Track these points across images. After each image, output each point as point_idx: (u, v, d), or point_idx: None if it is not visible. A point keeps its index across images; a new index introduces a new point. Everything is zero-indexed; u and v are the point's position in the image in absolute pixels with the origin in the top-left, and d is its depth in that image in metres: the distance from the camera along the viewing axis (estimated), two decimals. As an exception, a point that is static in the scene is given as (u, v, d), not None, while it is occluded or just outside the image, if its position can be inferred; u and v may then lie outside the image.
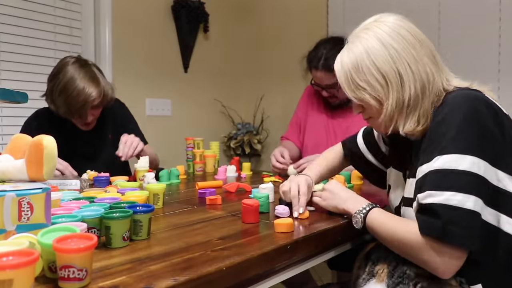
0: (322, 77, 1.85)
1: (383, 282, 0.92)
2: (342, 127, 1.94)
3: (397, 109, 0.94)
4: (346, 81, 0.99)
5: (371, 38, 0.95)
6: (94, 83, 1.64)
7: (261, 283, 0.83)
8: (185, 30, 2.88)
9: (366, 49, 0.95)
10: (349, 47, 0.99)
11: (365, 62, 0.94)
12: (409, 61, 0.92)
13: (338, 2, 2.83)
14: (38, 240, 0.63)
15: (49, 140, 0.76)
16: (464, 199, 0.79)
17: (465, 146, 0.82)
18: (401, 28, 0.96)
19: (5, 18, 2.14)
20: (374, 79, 0.94)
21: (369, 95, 0.95)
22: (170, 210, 1.15)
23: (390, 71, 0.93)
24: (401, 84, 0.92)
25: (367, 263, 0.99)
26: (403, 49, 0.93)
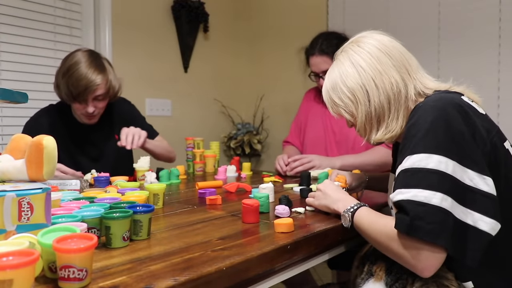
0: (319, 63, 1.87)
1: (381, 281, 0.93)
2: (339, 124, 1.95)
3: (367, 121, 1.03)
4: (327, 99, 1.11)
5: (344, 59, 1.07)
6: (99, 72, 1.65)
7: (261, 283, 0.83)
8: (185, 30, 2.88)
9: (340, 72, 1.07)
10: (329, 71, 1.12)
11: (338, 82, 1.07)
12: (373, 75, 1.01)
13: (338, 1, 2.83)
14: (38, 240, 0.63)
15: (49, 140, 0.76)
16: (430, 195, 0.81)
17: (433, 146, 0.85)
18: (368, 44, 1.05)
19: (5, 18, 2.14)
20: (345, 96, 1.05)
21: (343, 110, 1.07)
22: (170, 210, 1.15)
23: (357, 88, 1.03)
24: (367, 98, 1.02)
25: (365, 262, 1.00)
26: (368, 65, 1.02)
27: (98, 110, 1.73)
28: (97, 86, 1.64)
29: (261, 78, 3.31)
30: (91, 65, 1.64)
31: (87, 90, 1.62)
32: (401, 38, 1.09)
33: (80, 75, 1.61)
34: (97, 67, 1.65)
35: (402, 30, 2.41)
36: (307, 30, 2.98)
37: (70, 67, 1.62)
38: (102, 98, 1.70)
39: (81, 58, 1.64)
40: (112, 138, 1.86)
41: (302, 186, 1.44)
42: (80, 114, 1.74)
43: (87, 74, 1.61)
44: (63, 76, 1.63)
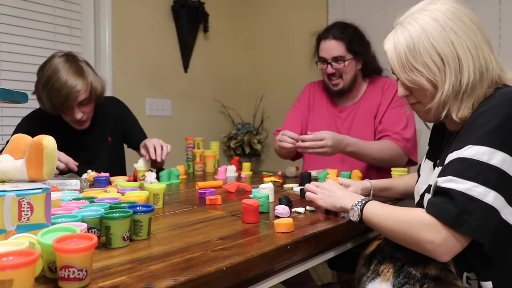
0: (330, 47, 1.82)
1: (388, 282, 0.91)
2: (345, 125, 1.91)
3: (453, 94, 0.91)
4: (399, 62, 0.95)
5: (429, 19, 0.92)
6: (78, 77, 1.58)
7: (261, 283, 0.83)
8: (185, 30, 2.89)
9: (424, 30, 0.92)
10: (403, 27, 0.95)
11: (422, 43, 0.91)
12: (469, 46, 0.90)
13: (338, 1, 2.83)
14: (38, 240, 0.63)
15: (49, 140, 0.76)
16: (485, 192, 0.79)
17: (501, 142, 0.82)
18: (460, 12, 0.93)
19: (5, 18, 2.15)
20: (431, 61, 0.91)
21: (425, 78, 0.92)
22: (170, 210, 1.15)
23: (449, 54, 0.90)
24: (459, 69, 0.90)
25: (372, 261, 0.99)
26: (463, 34, 0.90)
27: (86, 115, 1.69)
28: (78, 92, 1.58)
29: (261, 78, 3.31)
30: (69, 70, 1.58)
31: (69, 99, 1.57)
32: (401, 38, 1.08)
33: (61, 85, 1.55)
34: (76, 72, 1.59)
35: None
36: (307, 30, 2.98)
37: (49, 78, 1.57)
38: (86, 102, 1.65)
39: (58, 66, 1.58)
40: (105, 140, 1.82)
41: (302, 186, 1.44)
42: (70, 121, 1.70)
43: (66, 82, 1.55)
44: (44, 88, 1.58)
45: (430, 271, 0.88)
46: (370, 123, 1.86)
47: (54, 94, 1.57)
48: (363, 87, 1.94)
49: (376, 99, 1.88)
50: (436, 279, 0.87)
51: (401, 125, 1.78)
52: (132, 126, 1.91)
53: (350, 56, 1.82)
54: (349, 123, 1.91)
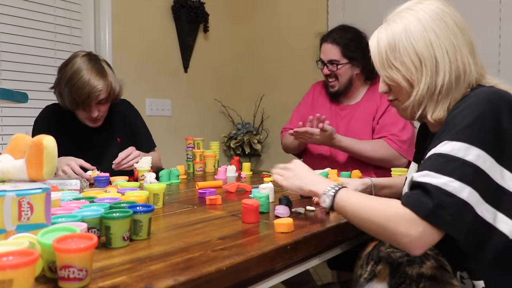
0: (327, 50, 1.89)
1: (385, 282, 0.92)
2: (343, 122, 1.95)
3: (428, 95, 0.93)
4: (380, 58, 0.98)
5: (413, 19, 0.94)
6: (100, 77, 1.65)
7: (261, 283, 0.83)
8: (185, 30, 2.88)
9: (406, 29, 0.94)
10: (388, 25, 0.98)
11: (403, 42, 0.93)
12: (448, 48, 0.91)
13: (338, 1, 2.83)
14: (38, 240, 0.63)
15: (49, 140, 0.76)
16: (461, 188, 0.79)
17: (476, 138, 0.82)
18: (444, 13, 0.94)
19: (5, 18, 2.14)
20: (409, 60, 0.93)
21: (402, 76, 0.95)
22: (170, 210, 1.15)
23: (427, 55, 0.92)
24: (436, 70, 0.91)
25: (369, 262, 0.99)
26: (444, 35, 0.92)
27: (101, 114, 1.75)
28: (100, 91, 1.65)
29: (261, 78, 3.31)
30: (92, 70, 1.64)
31: (90, 97, 1.64)
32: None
33: (83, 83, 1.62)
34: (98, 72, 1.66)
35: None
36: (307, 30, 2.98)
37: (72, 76, 1.63)
38: (104, 102, 1.72)
39: (81, 65, 1.64)
40: (113, 140, 1.86)
41: None
42: (84, 119, 1.76)
43: (89, 81, 1.62)
44: (66, 84, 1.64)
45: (425, 270, 0.88)
46: (368, 123, 1.89)
47: (76, 91, 1.62)
48: (364, 90, 1.98)
49: (375, 101, 1.92)
50: (432, 279, 0.87)
51: (399, 127, 1.81)
52: (141, 133, 1.95)
53: (345, 61, 1.88)
54: (348, 121, 1.94)
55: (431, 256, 0.91)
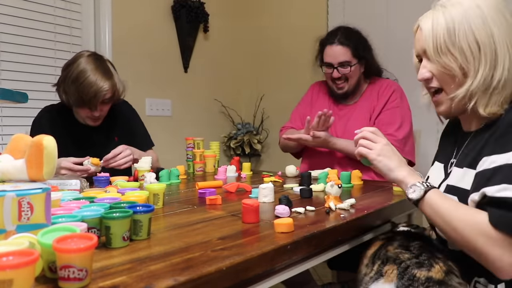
0: (337, 52, 1.85)
1: (392, 283, 0.91)
2: (341, 122, 1.94)
3: (483, 87, 0.87)
4: (434, 43, 0.91)
5: (474, 5, 0.89)
6: (107, 77, 1.68)
7: (261, 283, 0.83)
8: (185, 30, 2.88)
9: (467, 15, 0.88)
10: (445, 9, 0.91)
11: (463, 27, 0.87)
12: (508, 43, 0.87)
13: (338, 1, 2.83)
14: (38, 240, 0.63)
15: (49, 140, 0.76)
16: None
17: None
18: (504, 7, 0.90)
19: (5, 18, 2.14)
20: (468, 48, 0.87)
21: (458, 64, 0.89)
22: (170, 210, 1.15)
23: (488, 45, 0.86)
24: (494, 62, 0.87)
25: (375, 262, 0.98)
26: (505, 29, 0.87)
27: (103, 113, 1.78)
28: (106, 91, 1.68)
29: (261, 78, 3.31)
30: (98, 71, 1.67)
31: (96, 96, 1.66)
32: (401, 38, 1.09)
33: (90, 82, 1.64)
34: (104, 73, 1.69)
35: (402, 30, 2.41)
36: (307, 30, 2.98)
37: (79, 75, 1.65)
38: (108, 102, 1.75)
39: (87, 66, 1.67)
40: (112, 139, 1.88)
41: (302, 186, 1.44)
42: (86, 117, 1.77)
43: (96, 81, 1.65)
44: (72, 83, 1.66)
45: (434, 274, 0.87)
46: (365, 123, 1.89)
47: (83, 90, 1.65)
48: (363, 88, 1.98)
49: (372, 101, 1.92)
50: (441, 283, 0.86)
51: (394, 126, 1.82)
52: (139, 131, 1.97)
53: (356, 61, 1.87)
54: (346, 121, 1.95)
55: (441, 259, 0.90)
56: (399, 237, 1.01)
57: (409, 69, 2.09)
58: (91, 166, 1.57)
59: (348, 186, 1.53)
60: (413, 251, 0.93)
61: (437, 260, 0.90)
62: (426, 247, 0.94)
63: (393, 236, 1.03)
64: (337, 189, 1.16)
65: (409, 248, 0.94)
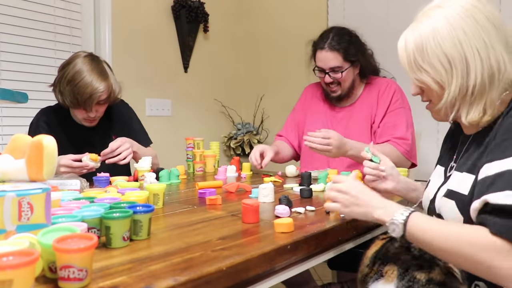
0: (327, 58, 1.80)
1: (392, 283, 0.90)
2: (341, 125, 1.91)
3: (460, 96, 0.89)
4: (408, 61, 0.94)
5: (441, 18, 0.89)
6: (102, 79, 1.68)
7: (261, 283, 0.83)
8: (185, 30, 2.88)
9: (433, 30, 0.89)
10: (415, 26, 0.94)
11: (430, 44, 0.89)
12: (479, 47, 0.86)
13: (338, 1, 2.83)
14: (38, 240, 0.63)
15: (49, 140, 0.76)
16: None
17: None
18: (475, 9, 0.89)
19: (5, 18, 2.14)
20: (438, 62, 0.89)
21: (431, 78, 0.91)
22: (170, 210, 1.15)
23: (456, 56, 0.87)
24: (466, 71, 0.87)
25: (376, 262, 0.98)
26: (473, 34, 0.87)
27: (98, 114, 1.77)
28: (101, 93, 1.67)
29: (261, 78, 3.31)
30: (94, 72, 1.66)
31: (92, 97, 1.66)
32: (401, 38, 1.07)
33: (86, 83, 1.64)
34: (100, 74, 1.68)
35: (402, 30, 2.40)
36: (307, 30, 2.98)
37: (75, 76, 1.65)
38: (103, 103, 1.74)
39: (83, 66, 1.66)
40: (109, 139, 1.86)
41: (302, 186, 1.44)
42: (81, 118, 1.77)
43: (92, 82, 1.64)
44: (68, 84, 1.66)
45: (435, 276, 0.86)
46: (366, 124, 1.87)
47: (78, 91, 1.64)
48: (360, 89, 1.94)
49: (372, 101, 1.88)
50: (441, 284, 0.86)
51: (401, 129, 1.79)
52: (136, 130, 1.96)
53: (348, 65, 1.82)
54: (345, 123, 1.91)
55: (441, 261, 0.90)
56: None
57: (409, 69, 2.06)
58: (89, 162, 1.57)
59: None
60: (414, 252, 0.93)
61: (437, 261, 0.90)
62: None
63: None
64: (337, 189, 1.16)
65: (409, 249, 0.94)
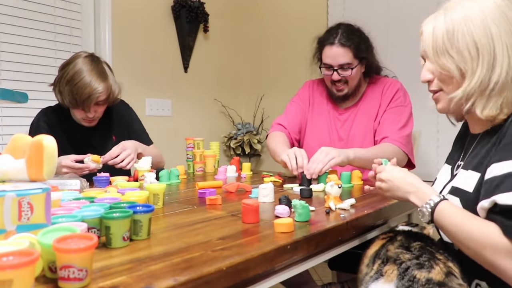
0: (337, 54, 1.74)
1: (392, 283, 0.90)
2: (345, 127, 1.90)
3: (480, 89, 0.88)
4: (434, 45, 0.93)
5: (475, 9, 0.89)
6: (102, 79, 1.68)
7: (261, 283, 0.83)
8: (185, 30, 2.88)
9: (467, 17, 0.89)
10: (447, 12, 0.93)
11: (462, 29, 0.88)
12: (509, 44, 0.86)
13: (338, 1, 2.83)
14: (38, 240, 0.63)
15: (49, 140, 0.76)
16: None
17: None
18: (507, 8, 0.89)
19: (5, 18, 2.14)
20: (466, 48, 0.88)
21: (456, 65, 0.90)
22: (170, 210, 1.15)
23: (486, 46, 0.87)
24: (493, 64, 0.87)
25: (375, 261, 0.98)
26: (505, 30, 0.87)
27: (97, 114, 1.77)
28: (100, 94, 1.68)
29: (261, 78, 3.31)
30: (93, 72, 1.67)
31: (90, 98, 1.66)
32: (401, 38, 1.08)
33: (84, 84, 1.64)
34: (99, 74, 1.68)
35: (402, 30, 2.41)
36: (307, 30, 2.98)
37: (74, 76, 1.65)
38: (102, 103, 1.74)
39: (83, 66, 1.66)
40: (109, 139, 1.88)
41: (302, 186, 1.44)
42: (80, 118, 1.78)
43: (90, 82, 1.65)
44: (67, 84, 1.66)
45: (434, 276, 0.87)
46: (370, 125, 1.85)
47: (77, 91, 1.65)
48: (363, 88, 1.92)
49: (376, 100, 1.86)
50: (441, 284, 0.86)
51: (399, 124, 1.76)
52: (137, 130, 1.96)
53: (357, 62, 1.77)
54: (349, 125, 1.89)
55: (441, 260, 0.90)
56: (400, 237, 1.01)
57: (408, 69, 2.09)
58: (91, 164, 1.57)
59: (348, 186, 1.53)
60: (414, 251, 0.93)
61: (437, 261, 0.90)
62: (426, 247, 0.94)
63: (394, 236, 1.03)
64: (337, 189, 1.16)
65: (409, 249, 0.94)
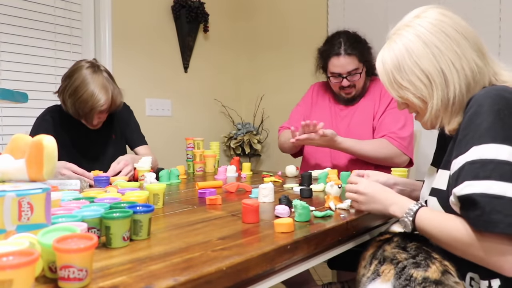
0: (345, 63, 1.83)
1: (388, 282, 0.91)
2: (344, 122, 1.94)
3: (442, 108, 0.93)
4: (389, 81, 0.99)
5: (412, 36, 0.94)
6: (105, 91, 1.70)
7: (261, 283, 0.83)
8: (185, 30, 2.89)
9: (407, 48, 0.94)
10: (389, 45, 0.99)
11: (406, 62, 0.94)
12: (453, 59, 0.91)
13: (338, 1, 2.83)
14: (38, 240, 0.63)
15: (49, 140, 0.76)
16: (506, 187, 0.77)
17: (503, 136, 0.81)
18: (443, 23, 0.93)
19: (5, 18, 2.14)
20: (417, 79, 0.93)
21: (413, 94, 0.95)
22: (170, 210, 1.15)
23: (433, 71, 0.92)
24: (445, 83, 0.91)
25: (373, 262, 0.98)
26: (446, 47, 0.91)
27: (101, 119, 1.80)
28: (102, 106, 1.70)
29: (261, 78, 3.32)
30: (95, 84, 1.68)
31: (92, 110, 1.69)
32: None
33: (87, 98, 1.66)
34: (101, 87, 1.69)
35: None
36: (307, 30, 2.99)
37: (76, 90, 1.66)
38: (105, 112, 1.77)
39: (85, 78, 1.67)
40: (110, 138, 1.91)
41: (302, 186, 1.44)
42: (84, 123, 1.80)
43: (93, 95, 1.66)
44: (70, 97, 1.68)
45: (431, 274, 0.87)
46: (368, 122, 1.90)
47: (79, 104, 1.67)
48: (367, 85, 1.98)
49: (375, 100, 1.92)
50: (437, 283, 0.86)
51: (398, 125, 1.81)
52: (133, 131, 1.99)
53: (362, 66, 1.87)
54: (348, 121, 1.94)
55: (437, 259, 0.91)
56: (396, 238, 1.01)
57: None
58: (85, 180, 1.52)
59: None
60: (410, 251, 0.93)
61: (433, 260, 0.90)
62: (423, 247, 0.95)
63: (391, 237, 1.03)
64: (337, 189, 1.16)
65: (406, 249, 0.95)
